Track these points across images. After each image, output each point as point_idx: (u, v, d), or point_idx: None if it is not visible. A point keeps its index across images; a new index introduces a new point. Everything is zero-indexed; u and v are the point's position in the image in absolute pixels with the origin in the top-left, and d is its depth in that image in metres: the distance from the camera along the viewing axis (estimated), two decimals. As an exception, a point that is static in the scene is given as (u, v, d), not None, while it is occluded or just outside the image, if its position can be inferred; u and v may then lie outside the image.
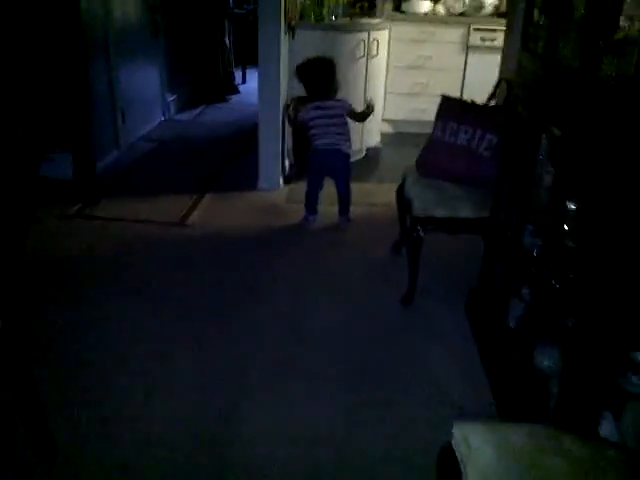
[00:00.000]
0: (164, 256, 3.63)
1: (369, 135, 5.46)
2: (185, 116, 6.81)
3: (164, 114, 6.55)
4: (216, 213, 4.26)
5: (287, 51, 4.64)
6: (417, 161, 3.36)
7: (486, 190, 2.94)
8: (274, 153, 4.68)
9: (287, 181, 4.86)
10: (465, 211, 3.02)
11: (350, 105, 4.03)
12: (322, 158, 3.95)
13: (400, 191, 3.55)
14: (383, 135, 5.83)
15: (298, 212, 4.21)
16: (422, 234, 3.07)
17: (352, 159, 5.25)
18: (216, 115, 6.96)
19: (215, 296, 3.21)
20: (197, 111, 7.04)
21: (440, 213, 3.03)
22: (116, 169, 5.01)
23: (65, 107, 4.06)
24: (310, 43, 4.72)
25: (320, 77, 3.89)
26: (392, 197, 3.69)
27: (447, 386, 2.58)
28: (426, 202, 3.06)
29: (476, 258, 3.18)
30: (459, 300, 3.16)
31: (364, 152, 5.51)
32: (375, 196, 4.67)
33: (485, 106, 3.24)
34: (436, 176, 3.22)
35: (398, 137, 6.09)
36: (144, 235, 3.88)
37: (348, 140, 3.97)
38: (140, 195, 4.53)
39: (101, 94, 4.95)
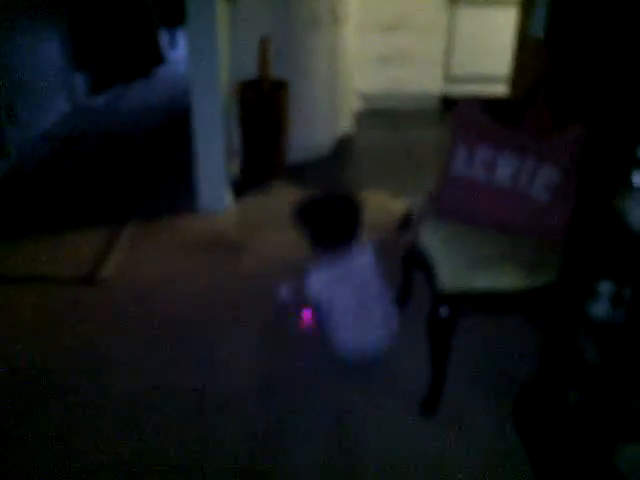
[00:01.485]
0: (54, 354, 2.40)
1: (338, 121, 4.27)
2: (99, 101, 5.45)
3: (70, 100, 5.16)
4: (141, 258, 3.08)
5: (227, 18, 3.43)
6: (434, 200, 2.22)
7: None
8: (215, 157, 3.48)
9: (238, 192, 3.67)
10: (515, 279, 1.92)
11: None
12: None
13: (403, 231, 2.44)
14: (355, 114, 4.65)
15: (258, 245, 3.06)
16: (453, 318, 1.97)
17: (319, 154, 4.15)
18: (139, 96, 5.64)
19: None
20: (114, 93, 5.67)
21: (480, 284, 1.92)
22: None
23: None
24: (257, 8, 3.48)
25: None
26: (380, 216, 2.95)
27: None
28: (457, 267, 1.94)
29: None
30: (502, 397, 2.17)
31: (333, 143, 4.34)
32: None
33: (532, 113, 2.09)
34: (464, 221, 2.11)
35: (374, 116, 4.93)
36: (26, 307, 2.64)
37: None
38: (28, 233, 3.26)
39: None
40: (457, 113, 2.17)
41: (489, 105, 2.12)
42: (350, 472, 1.93)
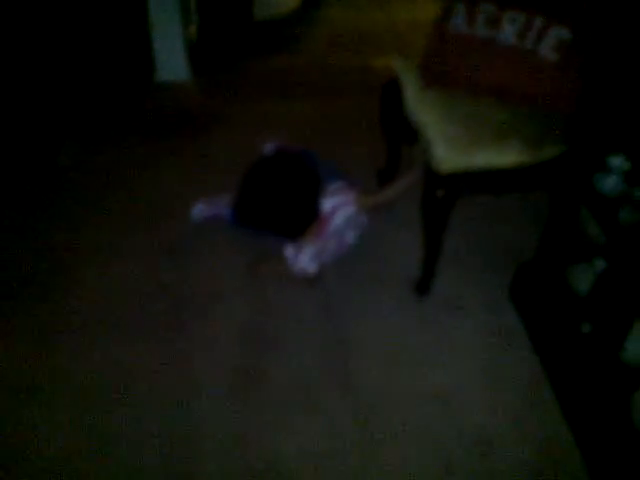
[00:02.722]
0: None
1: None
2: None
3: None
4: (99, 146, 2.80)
5: None
6: (422, 64, 2.02)
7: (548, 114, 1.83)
8: (173, 21, 3.15)
9: (200, 60, 3.37)
10: (516, 155, 1.79)
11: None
12: None
13: (387, 98, 2.26)
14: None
15: (224, 125, 2.83)
16: (449, 199, 1.87)
17: (286, 8, 3.81)
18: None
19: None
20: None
21: (479, 162, 1.79)
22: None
23: None
24: None
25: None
26: (359, 76, 2.82)
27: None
28: (453, 144, 1.79)
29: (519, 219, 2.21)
30: (499, 275, 2.11)
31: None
32: (333, 78, 3.27)
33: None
34: (461, 87, 1.95)
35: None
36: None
37: None
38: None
39: None
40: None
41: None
42: (342, 359, 1.89)
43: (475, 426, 1.71)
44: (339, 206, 2.02)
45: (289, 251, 2.04)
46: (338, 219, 2.02)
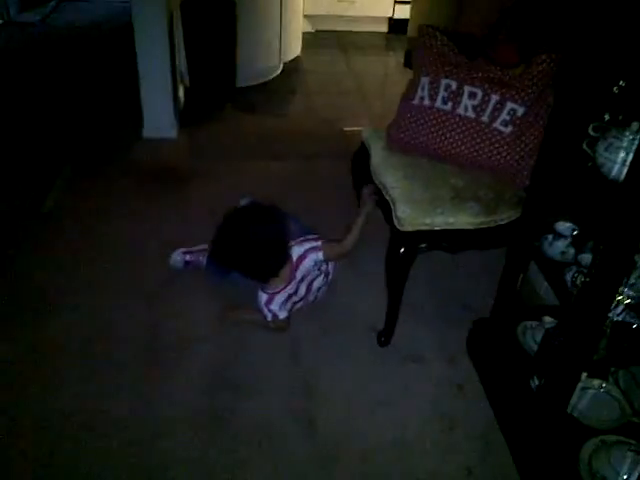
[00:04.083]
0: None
1: (287, 45, 4.13)
2: (31, 16, 5.04)
3: (1, 16, 4.76)
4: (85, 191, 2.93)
5: None
6: (388, 132, 2.19)
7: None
8: (161, 79, 3.33)
9: (186, 119, 3.54)
10: (474, 217, 1.94)
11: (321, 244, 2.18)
12: None
13: (358, 160, 2.42)
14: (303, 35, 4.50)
15: (204, 180, 2.98)
16: (410, 255, 2.00)
17: (266, 77, 4.04)
18: (78, 11, 5.25)
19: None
20: (49, 7, 5.25)
21: (438, 223, 1.94)
22: None
23: None
24: None
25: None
26: (332, 141, 2.94)
27: None
28: (414, 205, 1.95)
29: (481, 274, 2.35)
30: (457, 329, 2.22)
31: (281, 67, 4.21)
32: (309, 141, 3.45)
33: (497, 47, 2.07)
34: (423, 153, 2.11)
35: (320, 39, 4.80)
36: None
37: None
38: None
39: None
40: (422, 43, 2.11)
41: (457, 39, 2.07)
42: (306, 405, 1.97)
43: (430, 474, 1.79)
44: (308, 251, 2.13)
45: (262, 297, 2.13)
46: (308, 263, 2.13)
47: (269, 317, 2.15)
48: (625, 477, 1.58)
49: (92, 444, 1.80)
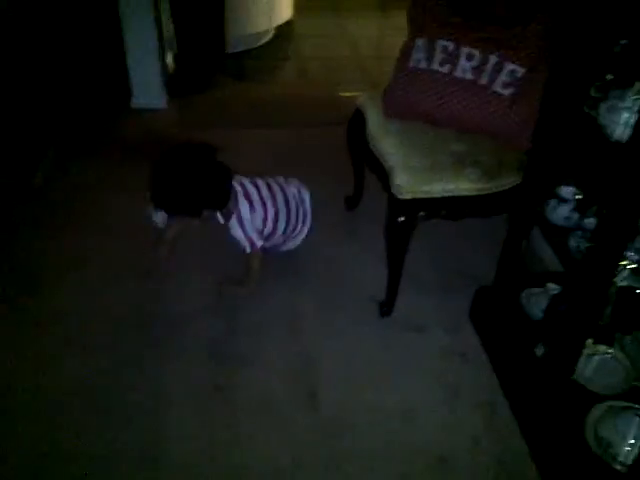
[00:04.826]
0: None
1: (278, 8, 4.01)
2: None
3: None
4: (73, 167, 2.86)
5: None
6: (384, 97, 2.12)
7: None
8: (148, 46, 3.23)
9: (175, 89, 3.45)
10: (473, 183, 1.89)
11: None
12: None
13: (354, 127, 2.35)
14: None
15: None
16: (410, 224, 1.95)
17: (257, 43, 3.94)
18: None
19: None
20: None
21: (437, 190, 1.89)
22: None
23: None
24: None
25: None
26: (327, 108, 2.85)
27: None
28: (413, 172, 1.89)
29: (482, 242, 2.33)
30: (459, 298, 2.19)
31: (272, 32, 4.10)
32: (302, 108, 3.37)
33: (496, 6, 1.99)
34: (420, 118, 2.05)
35: (313, 1, 4.66)
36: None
37: None
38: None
39: None
40: (415, 3, 2.03)
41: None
42: (308, 377, 1.95)
43: (435, 444, 1.78)
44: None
45: (234, 225, 2.07)
46: (290, 191, 2.16)
47: (247, 248, 2.09)
48: (631, 442, 1.56)
49: (92, 420, 1.78)
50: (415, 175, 1.91)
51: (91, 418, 1.79)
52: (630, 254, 1.51)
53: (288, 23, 4.27)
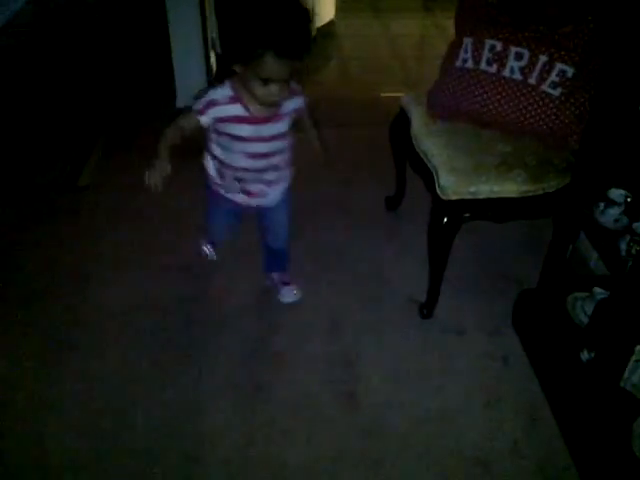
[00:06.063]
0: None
1: (321, 9, 4.02)
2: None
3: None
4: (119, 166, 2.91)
5: None
6: (429, 97, 2.11)
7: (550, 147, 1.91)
8: (194, 49, 3.26)
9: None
10: (519, 185, 1.86)
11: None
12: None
13: (397, 127, 2.34)
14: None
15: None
16: (454, 225, 1.93)
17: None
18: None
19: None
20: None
21: (483, 191, 1.87)
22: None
23: None
24: None
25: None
26: (369, 108, 2.82)
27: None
28: (457, 173, 1.88)
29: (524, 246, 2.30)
30: (501, 301, 2.17)
31: (314, 32, 4.11)
32: (345, 108, 3.37)
33: (546, 6, 1.96)
34: (466, 119, 2.03)
35: (354, 2, 4.68)
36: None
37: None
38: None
39: None
40: (463, 3, 2.01)
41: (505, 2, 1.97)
42: (347, 377, 1.95)
43: (474, 447, 1.75)
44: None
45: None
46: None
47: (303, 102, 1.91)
48: (680, 452, 1.52)
49: (134, 415, 1.80)
50: (460, 176, 1.89)
51: (133, 412, 1.81)
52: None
53: (330, 23, 4.27)
